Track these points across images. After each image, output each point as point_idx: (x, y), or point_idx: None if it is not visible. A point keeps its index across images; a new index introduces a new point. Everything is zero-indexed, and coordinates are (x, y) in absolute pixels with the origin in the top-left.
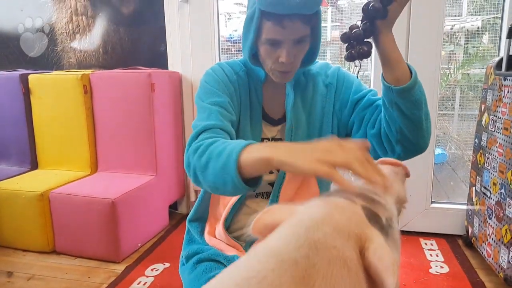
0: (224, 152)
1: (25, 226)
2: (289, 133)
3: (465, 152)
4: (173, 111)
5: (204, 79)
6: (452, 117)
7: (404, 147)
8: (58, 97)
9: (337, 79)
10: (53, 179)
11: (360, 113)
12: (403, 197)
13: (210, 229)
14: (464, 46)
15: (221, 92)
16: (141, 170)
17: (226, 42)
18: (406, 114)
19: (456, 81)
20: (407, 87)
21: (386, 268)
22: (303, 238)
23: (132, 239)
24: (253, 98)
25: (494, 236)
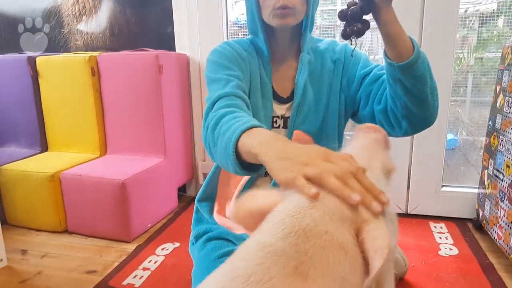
0: (228, 131)
1: (37, 207)
2: (296, 110)
3: (477, 138)
4: (181, 93)
5: (212, 57)
6: (464, 103)
7: (411, 122)
8: (66, 79)
9: (345, 55)
10: (63, 161)
11: (367, 88)
12: (389, 165)
13: (219, 208)
14: (478, 30)
15: (233, 66)
16: (150, 152)
17: (233, 26)
18: (410, 90)
19: (469, 66)
20: (409, 62)
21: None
22: (290, 226)
23: (142, 219)
24: (263, 75)
25: (506, 218)
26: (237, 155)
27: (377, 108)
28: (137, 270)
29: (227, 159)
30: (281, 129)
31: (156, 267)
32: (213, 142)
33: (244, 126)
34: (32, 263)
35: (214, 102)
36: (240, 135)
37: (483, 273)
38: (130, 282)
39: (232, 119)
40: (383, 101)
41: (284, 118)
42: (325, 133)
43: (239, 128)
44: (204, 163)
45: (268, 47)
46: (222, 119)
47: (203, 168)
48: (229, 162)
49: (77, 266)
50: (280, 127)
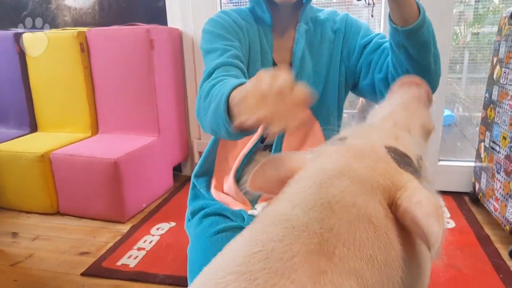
0: (219, 94)
1: (27, 188)
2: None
3: (473, 114)
4: (174, 69)
5: (208, 27)
6: (460, 80)
7: None
8: (55, 57)
9: (345, 25)
10: (54, 141)
11: (368, 57)
12: (428, 125)
13: (216, 184)
14: (474, 6)
15: (230, 36)
16: (143, 130)
17: (228, 4)
18: (414, 57)
19: (465, 42)
20: (414, 27)
21: (428, 214)
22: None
23: (137, 199)
24: (264, 43)
25: (502, 190)
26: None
27: (378, 77)
28: (131, 251)
29: (219, 120)
30: None
31: (151, 247)
32: (204, 110)
33: (234, 83)
34: (23, 246)
35: (210, 73)
36: (230, 91)
37: (479, 245)
38: (124, 262)
39: (224, 84)
40: (384, 69)
41: None
42: (325, 105)
43: (229, 86)
44: (199, 141)
45: (270, 15)
46: (214, 87)
47: (199, 147)
48: (220, 123)
49: (69, 248)
50: None
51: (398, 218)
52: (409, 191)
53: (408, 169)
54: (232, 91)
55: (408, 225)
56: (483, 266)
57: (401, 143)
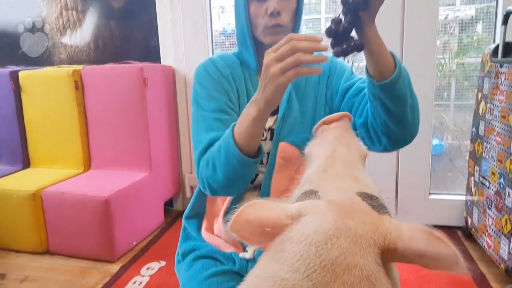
0: (221, 144)
1: (17, 226)
2: (280, 123)
3: (462, 142)
4: (167, 105)
5: (197, 80)
6: (448, 108)
7: (390, 139)
8: (50, 94)
9: (330, 67)
10: (46, 178)
11: (349, 101)
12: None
13: (207, 225)
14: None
15: (217, 93)
16: (135, 166)
17: (220, 36)
18: (390, 109)
19: (451, 71)
20: (389, 82)
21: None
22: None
23: (127, 237)
24: (249, 87)
25: (494, 226)
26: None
27: (358, 122)
28: None
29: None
30: (267, 141)
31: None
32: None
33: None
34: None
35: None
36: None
37: (475, 284)
38: None
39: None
40: (364, 115)
41: (271, 130)
42: None
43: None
44: (191, 175)
45: (256, 60)
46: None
47: (190, 181)
48: (234, 162)
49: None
50: (267, 139)
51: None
52: (395, 233)
53: (383, 211)
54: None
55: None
56: None
57: (363, 184)
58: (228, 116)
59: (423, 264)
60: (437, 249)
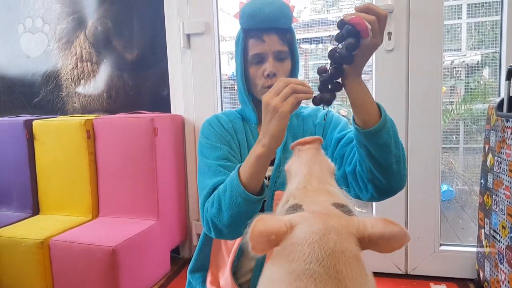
0: (227, 184)
1: (24, 274)
2: (275, 172)
3: (472, 187)
4: (175, 154)
5: (202, 133)
6: (457, 151)
7: (376, 187)
8: (62, 142)
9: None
10: (54, 226)
11: (341, 150)
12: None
13: (212, 279)
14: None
15: (220, 144)
16: (143, 214)
17: (229, 81)
18: (374, 156)
19: (459, 114)
20: (372, 130)
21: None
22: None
23: (133, 287)
24: (250, 139)
25: (507, 282)
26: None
27: (348, 169)
28: None
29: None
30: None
31: None
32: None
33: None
34: None
35: (209, 193)
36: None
37: None
38: None
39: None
40: (353, 163)
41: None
42: None
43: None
44: (198, 223)
45: (256, 115)
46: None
47: (197, 229)
48: (240, 202)
49: None
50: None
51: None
52: (362, 225)
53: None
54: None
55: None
56: None
57: (335, 196)
58: (231, 163)
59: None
60: (391, 229)
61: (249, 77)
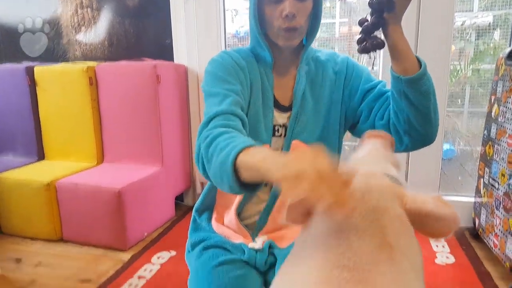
0: (226, 148)
1: (32, 215)
2: (294, 120)
3: (475, 148)
4: (179, 103)
5: (211, 68)
6: (461, 114)
7: (412, 138)
8: (64, 89)
9: (347, 67)
10: (60, 170)
11: (371, 103)
12: (398, 164)
13: (217, 217)
14: (475, 43)
15: (231, 79)
16: (147, 161)
17: (233, 38)
18: (415, 104)
19: (466, 77)
20: (415, 77)
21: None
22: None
23: (139, 228)
24: (265, 83)
25: (501, 227)
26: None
27: (379, 123)
28: (132, 279)
29: (223, 175)
30: (281, 137)
31: (151, 276)
32: (206, 159)
33: (242, 144)
34: (26, 272)
35: (209, 119)
36: (238, 152)
37: (479, 281)
38: None
39: (229, 138)
40: (385, 117)
41: (286, 127)
42: (325, 142)
43: (237, 146)
44: None
45: (271, 56)
46: (218, 138)
47: (201, 177)
48: (224, 179)
49: (71, 275)
50: (282, 136)
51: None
52: (411, 197)
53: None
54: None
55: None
56: None
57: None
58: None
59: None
60: (442, 209)
61: (263, 17)
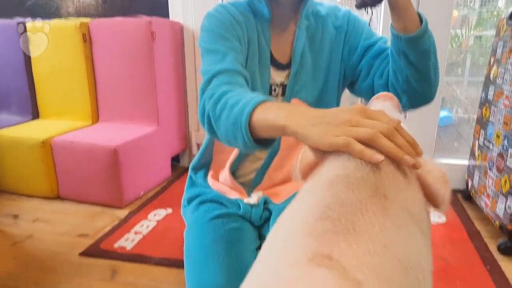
0: (237, 105)
1: (28, 173)
2: (293, 79)
3: (472, 116)
4: (174, 62)
5: (207, 23)
6: (461, 84)
7: (410, 98)
8: (57, 46)
9: (348, 22)
10: (55, 128)
11: (370, 61)
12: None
13: (213, 174)
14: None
15: (230, 36)
16: (142, 120)
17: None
18: (414, 64)
19: (468, 46)
20: (415, 35)
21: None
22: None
23: (135, 187)
24: (261, 40)
25: (494, 187)
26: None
27: (378, 82)
28: (128, 234)
29: (237, 134)
30: (279, 97)
31: (148, 231)
32: (214, 117)
33: (257, 100)
34: (23, 227)
35: (212, 76)
36: (253, 108)
37: (469, 239)
38: (121, 245)
39: (239, 94)
40: (384, 75)
41: (283, 86)
42: (324, 101)
43: (252, 102)
44: (197, 133)
45: (269, 10)
46: (226, 94)
47: (197, 138)
48: (238, 137)
49: (68, 230)
50: (279, 95)
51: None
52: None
53: None
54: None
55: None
56: (471, 258)
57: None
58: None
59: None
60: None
61: None
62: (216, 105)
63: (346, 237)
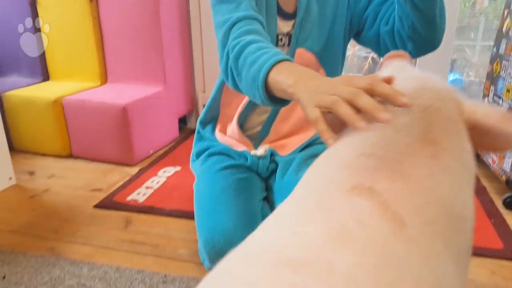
0: (256, 63)
1: (41, 132)
2: (298, 28)
3: (483, 80)
4: (180, 23)
5: None
6: (473, 48)
7: (416, 44)
8: (64, 6)
9: None
10: (65, 88)
11: (376, 8)
12: None
13: (221, 127)
14: None
15: None
16: (150, 81)
17: None
18: (419, 8)
19: (482, 8)
20: None
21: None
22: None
23: (144, 145)
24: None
25: None
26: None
27: (384, 29)
28: (140, 188)
29: (255, 91)
30: (285, 47)
31: (158, 186)
32: (236, 71)
33: (272, 60)
34: (40, 182)
35: (231, 25)
36: (269, 69)
37: (475, 195)
38: (133, 198)
39: (258, 49)
40: (390, 22)
41: (290, 35)
42: (330, 50)
43: (268, 62)
44: (203, 94)
45: None
46: (246, 48)
47: (203, 100)
48: (256, 94)
49: (83, 185)
50: (285, 45)
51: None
52: (471, 107)
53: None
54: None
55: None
56: (476, 212)
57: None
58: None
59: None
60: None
61: None
62: (238, 60)
63: (390, 174)
